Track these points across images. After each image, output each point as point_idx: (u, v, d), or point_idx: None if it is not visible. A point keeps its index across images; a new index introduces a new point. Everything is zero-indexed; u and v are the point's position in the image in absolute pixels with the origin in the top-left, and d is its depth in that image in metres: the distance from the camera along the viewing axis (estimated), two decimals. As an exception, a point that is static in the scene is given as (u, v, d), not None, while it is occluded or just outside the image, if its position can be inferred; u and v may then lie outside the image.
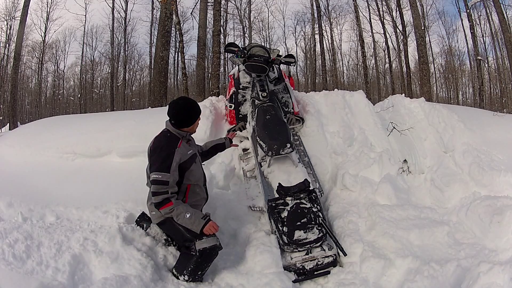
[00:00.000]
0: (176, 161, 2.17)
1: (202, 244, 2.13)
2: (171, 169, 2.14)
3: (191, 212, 2.14)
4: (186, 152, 2.27)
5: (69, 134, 3.64)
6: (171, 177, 2.14)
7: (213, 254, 2.19)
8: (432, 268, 2.03)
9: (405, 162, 3.33)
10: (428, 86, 10.66)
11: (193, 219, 2.13)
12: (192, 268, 2.16)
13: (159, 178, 2.11)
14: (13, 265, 1.90)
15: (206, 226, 2.12)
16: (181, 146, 2.26)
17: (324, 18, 21.18)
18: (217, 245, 2.17)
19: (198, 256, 2.13)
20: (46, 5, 21.34)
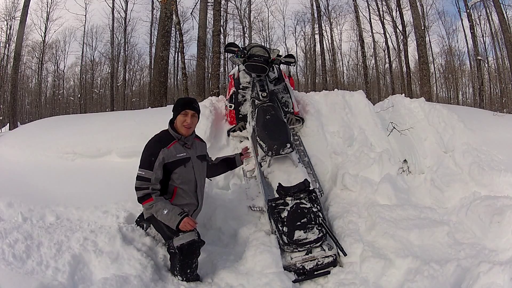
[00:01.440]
0: (159, 161, 2.21)
1: (179, 241, 2.11)
2: (154, 167, 2.19)
3: (169, 209, 2.15)
4: (174, 154, 2.26)
5: (69, 134, 3.64)
6: (153, 175, 2.19)
7: (193, 249, 2.15)
8: (432, 268, 2.03)
9: (405, 162, 3.33)
10: (428, 86, 10.66)
11: (170, 215, 2.13)
12: (179, 267, 2.15)
13: (142, 174, 2.21)
14: (13, 265, 1.90)
15: (182, 222, 2.12)
16: (171, 147, 2.27)
17: (324, 18, 21.21)
18: (195, 239, 2.14)
19: (179, 254, 2.12)
20: (46, 5, 21.39)
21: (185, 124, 2.29)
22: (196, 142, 2.48)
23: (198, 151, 2.44)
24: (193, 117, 2.34)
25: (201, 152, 2.47)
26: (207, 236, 2.67)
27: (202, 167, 2.47)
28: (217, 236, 2.73)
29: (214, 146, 3.37)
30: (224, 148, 3.46)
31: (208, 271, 2.35)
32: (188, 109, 2.31)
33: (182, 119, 2.30)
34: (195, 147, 2.43)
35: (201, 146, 2.52)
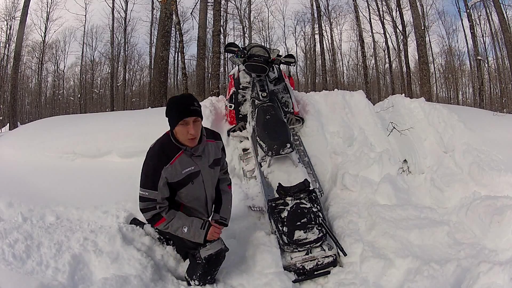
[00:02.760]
0: (163, 180, 1.91)
1: (207, 252, 1.99)
2: (158, 186, 1.90)
3: (188, 225, 1.96)
4: (179, 171, 1.93)
5: (69, 134, 3.64)
6: (159, 195, 1.91)
7: (220, 258, 2.07)
8: (432, 268, 2.03)
9: (405, 162, 3.34)
10: (428, 86, 10.67)
11: (192, 232, 1.95)
12: (200, 274, 2.08)
13: (145, 195, 1.92)
14: (13, 265, 1.90)
15: (208, 234, 1.98)
16: (175, 162, 1.92)
17: (324, 18, 21.21)
18: (222, 248, 2.04)
19: (205, 263, 2.02)
20: (46, 5, 21.38)
21: (189, 137, 1.86)
22: (209, 145, 2.07)
23: (211, 157, 2.06)
24: (196, 124, 1.86)
25: (214, 156, 2.09)
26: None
27: (214, 174, 2.12)
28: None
29: (214, 146, 3.37)
30: (224, 148, 3.45)
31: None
32: (187, 117, 1.83)
33: (183, 131, 1.86)
34: (207, 153, 2.05)
35: (215, 148, 2.11)
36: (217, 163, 2.14)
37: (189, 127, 1.85)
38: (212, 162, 2.09)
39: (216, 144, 2.15)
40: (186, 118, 1.84)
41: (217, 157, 2.13)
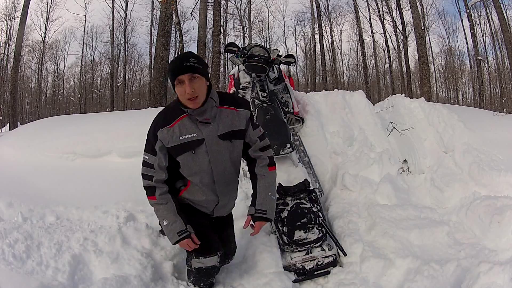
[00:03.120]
0: (159, 144, 1.73)
1: (198, 264, 1.87)
2: (156, 151, 1.74)
3: (169, 221, 1.77)
4: (177, 136, 1.70)
5: (69, 134, 3.64)
6: (156, 160, 1.74)
7: (211, 273, 1.97)
8: (432, 268, 2.03)
9: (405, 162, 3.34)
10: (428, 86, 10.67)
11: (168, 229, 1.77)
12: (193, 280, 2.06)
13: (145, 159, 1.78)
14: (13, 265, 1.90)
15: (181, 243, 1.78)
16: (175, 125, 1.71)
17: (324, 18, 21.22)
18: (215, 266, 1.89)
19: (195, 273, 1.95)
20: (46, 5, 21.39)
21: (186, 96, 1.62)
22: (224, 113, 1.74)
23: (224, 126, 1.74)
24: (193, 81, 1.62)
25: (230, 127, 1.74)
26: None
27: (229, 149, 1.77)
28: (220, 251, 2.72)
29: (214, 146, 3.37)
30: (224, 148, 3.45)
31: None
32: (180, 74, 1.61)
33: (180, 91, 1.64)
34: (220, 121, 1.73)
35: (235, 117, 1.76)
36: (235, 135, 1.76)
37: (185, 85, 1.61)
38: (226, 132, 1.73)
39: (238, 113, 1.76)
40: (179, 76, 1.61)
41: (236, 128, 1.75)
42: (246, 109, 1.82)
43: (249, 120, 1.82)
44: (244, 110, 1.81)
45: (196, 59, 1.64)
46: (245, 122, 1.80)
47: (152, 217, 2.56)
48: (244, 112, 1.80)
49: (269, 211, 1.82)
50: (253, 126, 1.85)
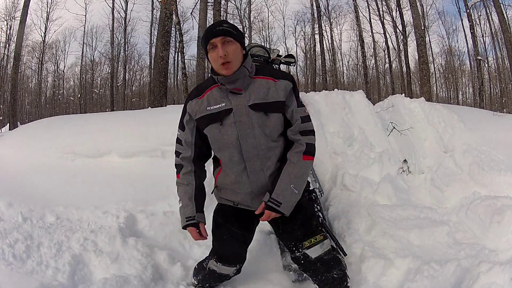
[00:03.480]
0: (187, 117, 1.65)
1: (213, 267, 1.86)
2: (184, 125, 1.66)
3: (183, 204, 1.69)
4: (205, 107, 1.58)
5: (69, 134, 3.64)
6: (183, 136, 1.66)
7: (222, 279, 1.96)
8: (432, 268, 2.03)
9: (405, 162, 3.34)
10: (428, 86, 10.66)
11: (180, 212, 1.70)
12: (200, 279, 2.03)
13: (177, 135, 1.70)
14: (13, 265, 1.90)
15: (189, 229, 1.71)
16: (205, 96, 1.60)
17: (324, 18, 21.23)
18: (229, 275, 1.87)
19: (207, 273, 1.94)
20: (46, 5, 21.41)
21: (219, 61, 1.50)
22: (259, 82, 1.57)
23: (257, 96, 1.55)
24: (226, 45, 1.49)
25: (264, 98, 1.54)
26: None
27: (259, 122, 1.54)
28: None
29: (214, 146, 3.37)
30: (224, 148, 3.45)
31: (208, 271, 2.35)
32: (212, 38, 1.50)
33: (213, 56, 1.52)
34: (252, 90, 1.56)
35: (271, 87, 1.56)
36: (271, 107, 1.54)
37: (218, 49, 1.49)
38: (260, 103, 1.53)
39: (276, 84, 1.57)
40: (211, 40, 1.50)
41: (272, 99, 1.54)
42: (287, 80, 1.59)
43: (291, 92, 1.60)
44: (284, 81, 1.58)
45: (229, 24, 1.55)
46: (283, 94, 1.57)
47: (152, 217, 2.57)
48: (284, 83, 1.58)
49: (285, 204, 1.54)
50: (298, 103, 1.61)
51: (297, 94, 1.62)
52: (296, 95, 1.62)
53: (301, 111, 1.61)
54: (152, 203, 2.70)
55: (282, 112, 1.59)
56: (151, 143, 3.24)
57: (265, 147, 1.57)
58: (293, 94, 1.60)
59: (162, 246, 2.42)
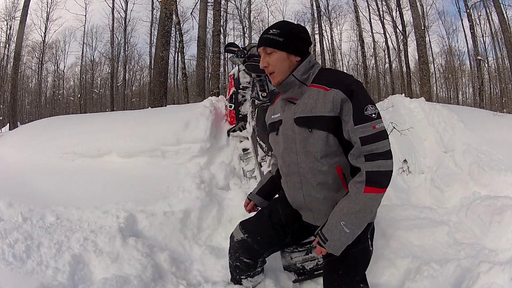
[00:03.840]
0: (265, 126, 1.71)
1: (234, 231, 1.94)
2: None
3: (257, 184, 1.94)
4: (269, 116, 1.63)
5: (69, 134, 3.64)
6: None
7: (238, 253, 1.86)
8: (432, 268, 2.03)
9: (405, 162, 3.34)
10: (428, 86, 10.66)
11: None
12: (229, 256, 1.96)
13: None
14: (13, 265, 1.90)
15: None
16: (274, 104, 1.64)
17: (324, 18, 21.24)
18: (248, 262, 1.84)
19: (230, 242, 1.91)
20: (46, 5, 21.42)
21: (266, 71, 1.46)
22: (310, 92, 1.40)
23: (303, 108, 1.40)
24: (268, 55, 1.43)
25: (309, 111, 1.37)
26: (206, 235, 2.68)
27: (301, 138, 1.40)
28: (217, 236, 2.73)
29: (214, 146, 3.37)
30: (224, 148, 3.46)
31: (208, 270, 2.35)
32: (258, 47, 1.46)
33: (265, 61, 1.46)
34: (303, 101, 1.41)
35: (318, 98, 1.35)
36: (316, 122, 1.35)
37: (262, 59, 1.45)
38: (303, 117, 1.38)
39: (325, 94, 1.34)
40: (258, 49, 1.48)
41: (316, 114, 1.35)
42: (338, 90, 1.31)
43: (345, 105, 1.30)
44: (335, 90, 1.32)
45: (278, 30, 1.41)
46: (330, 107, 1.31)
47: (152, 217, 2.57)
48: (334, 92, 1.32)
49: (331, 242, 1.32)
50: (355, 119, 1.29)
51: (355, 107, 1.30)
52: (355, 108, 1.30)
53: (363, 130, 1.28)
54: (152, 203, 2.70)
55: (330, 130, 1.34)
56: (151, 143, 3.25)
57: (305, 165, 1.41)
58: (348, 108, 1.30)
59: (162, 246, 2.42)
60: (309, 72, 1.42)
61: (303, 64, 1.42)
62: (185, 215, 2.65)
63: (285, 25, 1.45)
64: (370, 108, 1.29)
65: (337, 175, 1.37)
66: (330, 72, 1.45)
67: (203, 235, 2.66)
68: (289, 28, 1.43)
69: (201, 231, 2.68)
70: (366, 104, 1.30)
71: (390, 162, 1.28)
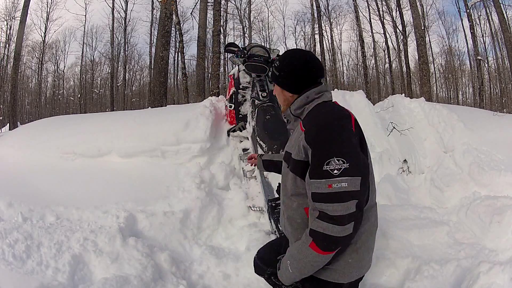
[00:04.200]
0: None
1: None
2: None
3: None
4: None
5: (69, 134, 3.64)
6: None
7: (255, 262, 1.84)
8: (432, 268, 2.03)
9: (405, 162, 3.34)
10: (428, 86, 10.65)
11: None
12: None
13: None
14: (13, 265, 1.90)
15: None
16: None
17: (324, 18, 21.23)
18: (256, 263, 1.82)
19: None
20: (46, 5, 21.40)
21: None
22: (298, 128, 1.32)
23: (288, 144, 1.41)
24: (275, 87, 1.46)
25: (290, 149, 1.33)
26: (206, 235, 2.68)
27: (283, 169, 1.43)
28: (217, 236, 2.73)
29: (214, 146, 3.37)
30: (224, 148, 3.46)
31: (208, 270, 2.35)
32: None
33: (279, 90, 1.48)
34: (291, 137, 1.42)
35: (296, 136, 1.30)
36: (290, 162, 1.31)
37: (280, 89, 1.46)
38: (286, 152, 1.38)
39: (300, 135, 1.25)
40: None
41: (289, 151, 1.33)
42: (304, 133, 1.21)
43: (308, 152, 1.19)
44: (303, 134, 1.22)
45: (279, 62, 1.40)
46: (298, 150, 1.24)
47: (152, 217, 2.57)
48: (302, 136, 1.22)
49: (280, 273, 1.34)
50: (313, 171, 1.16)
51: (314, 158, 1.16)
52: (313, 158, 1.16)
53: (317, 186, 1.15)
54: (152, 203, 2.70)
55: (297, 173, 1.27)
56: (151, 143, 3.25)
57: (283, 198, 1.44)
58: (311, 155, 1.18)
59: (162, 246, 2.42)
60: (304, 107, 1.35)
61: (299, 99, 1.36)
62: (185, 215, 2.65)
63: (286, 58, 1.39)
64: (335, 163, 1.10)
65: (305, 215, 1.28)
66: (318, 108, 1.31)
67: (203, 235, 2.66)
68: (286, 62, 1.38)
69: (201, 231, 2.68)
70: (330, 156, 1.11)
71: (338, 228, 1.11)
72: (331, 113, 1.25)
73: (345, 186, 1.11)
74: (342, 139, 1.16)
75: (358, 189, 1.12)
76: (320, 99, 1.32)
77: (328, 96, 1.35)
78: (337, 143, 1.14)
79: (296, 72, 1.35)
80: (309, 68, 1.36)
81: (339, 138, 1.16)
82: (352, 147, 1.16)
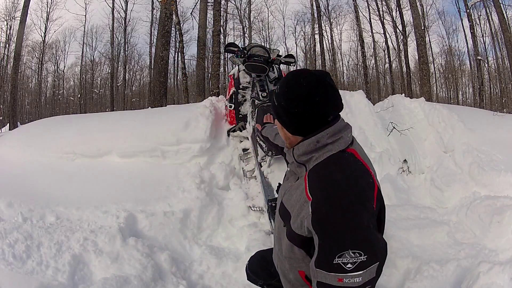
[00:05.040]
0: None
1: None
2: None
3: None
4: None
5: (69, 134, 3.64)
6: None
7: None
8: (432, 268, 2.03)
9: (405, 162, 3.34)
10: (428, 86, 10.65)
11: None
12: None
13: None
14: (13, 265, 1.90)
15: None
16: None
17: (324, 18, 21.22)
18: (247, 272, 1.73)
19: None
20: (46, 5, 21.37)
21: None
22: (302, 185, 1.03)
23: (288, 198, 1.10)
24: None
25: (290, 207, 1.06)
26: (206, 235, 2.68)
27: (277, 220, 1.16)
28: (217, 236, 2.73)
29: (214, 146, 3.38)
30: (224, 148, 3.46)
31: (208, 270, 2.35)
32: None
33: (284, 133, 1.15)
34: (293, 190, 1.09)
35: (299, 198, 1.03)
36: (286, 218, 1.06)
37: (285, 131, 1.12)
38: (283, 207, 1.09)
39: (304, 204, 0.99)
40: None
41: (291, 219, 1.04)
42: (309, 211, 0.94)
43: (313, 236, 0.94)
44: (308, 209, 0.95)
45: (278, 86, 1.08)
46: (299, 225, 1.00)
47: (152, 217, 2.57)
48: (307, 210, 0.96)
49: None
50: (321, 260, 0.91)
51: (323, 248, 0.91)
52: (321, 247, 0.91)
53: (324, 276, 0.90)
54: (152, 203, 2.70)
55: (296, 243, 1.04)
56: (151, 143, 3.25)
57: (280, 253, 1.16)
58: (315, 238, 0.94)
59: (162, 246, 2.42)
60: (312, 154, 1.03)
61: (305, 143, 1.02)
62: (185, 215, 2.65)
63: (285, 86, 1.04)
64: (349, 256, 0.86)
65: (300, 277, 1.10)
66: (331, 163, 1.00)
67: (203, 235, 2.66)
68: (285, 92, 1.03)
69: (201, 231, 2.68)
70: (343, 249, 0.86)
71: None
72: (349, 179, 0.95)
73: (359, 281, 0.87)
74: (360, 225, 0.89)
75: (373, 276, 0.90)
76: (334, 147, 1.02)
77: (346, 140, 1.06)
78: (353, 231, 0.88)
79: (297, 108, 1.00)
80: (314, 103, 0.99)
81: (356, 223, 0.88)
82: (371, 233, 0.90)
